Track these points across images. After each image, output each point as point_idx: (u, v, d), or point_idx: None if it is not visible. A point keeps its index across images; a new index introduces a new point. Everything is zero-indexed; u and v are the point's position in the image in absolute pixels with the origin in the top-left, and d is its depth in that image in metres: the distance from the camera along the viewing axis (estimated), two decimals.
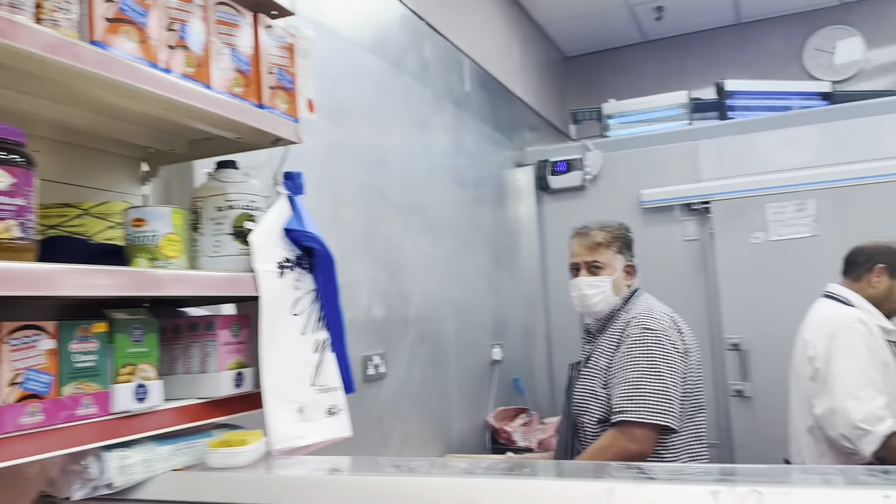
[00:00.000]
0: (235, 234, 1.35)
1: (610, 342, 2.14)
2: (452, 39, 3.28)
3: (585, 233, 2.26)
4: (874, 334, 2.32)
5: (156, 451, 1.19)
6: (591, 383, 2.14)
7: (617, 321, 2.17)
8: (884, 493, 0.80)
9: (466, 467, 1.21)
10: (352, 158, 2.38)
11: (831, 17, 4.65)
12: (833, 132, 3.47)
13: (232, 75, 1.36)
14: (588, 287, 2.20)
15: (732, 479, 0.91)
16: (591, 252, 2.22)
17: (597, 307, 2.20)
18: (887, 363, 2.29)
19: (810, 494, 0.84)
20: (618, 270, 2.21)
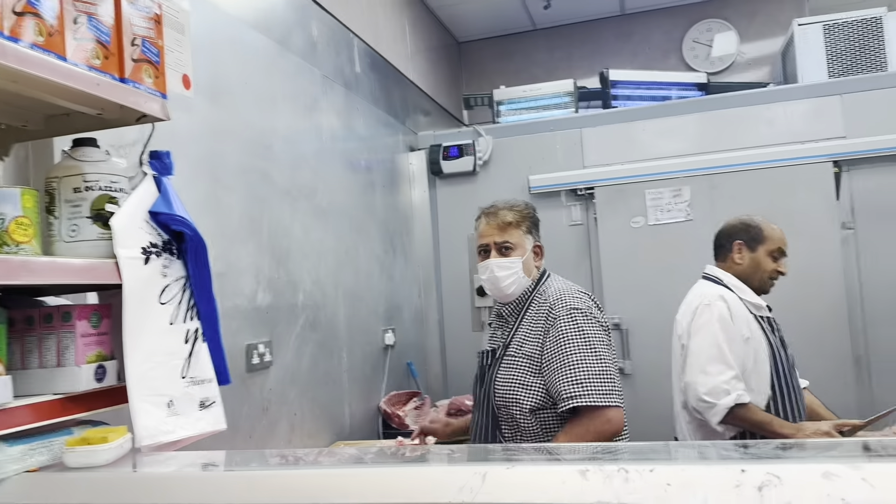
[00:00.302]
0: (95, 218, 1.26)
1: (533, 327, 2.06)
2: (341, 19, 3.21)
3: (494, 212, 2.16)
4: (736, 311, 2.40)
5: (6, 451, 1.10)
6: (517, 372, 2.03)
7: (534, 304, 2.10)
8: (741, 468, 0.84)
9: (353, 456, 1.19)
10: (234, 139, 2.29)
11: (708, 11, 4.88)
12: (708, 122, 3.65)
13: (90, 46, 1.26)
14: (500, 269, 2.11)
15: (601, 458, 0.94)
16: (501, 232, 2.13)
17: (509, 289, 2.11)
18: (749, 338, 2.37)
19: (673, 470, 0.87)
20: (528, 251, 2.14)
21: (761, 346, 2.39)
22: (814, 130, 3.48)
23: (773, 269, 2.52)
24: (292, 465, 1.14)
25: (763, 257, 2.52)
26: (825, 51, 3.73)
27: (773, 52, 4.73)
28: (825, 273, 3.35)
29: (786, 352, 2.46)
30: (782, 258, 2.53)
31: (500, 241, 2.13)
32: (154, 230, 1.31)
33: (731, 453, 0.91)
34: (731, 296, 2.46)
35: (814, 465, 0.81)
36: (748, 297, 2.47)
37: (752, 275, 2.52)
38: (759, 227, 2.56)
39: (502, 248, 2.13)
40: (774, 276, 2.53)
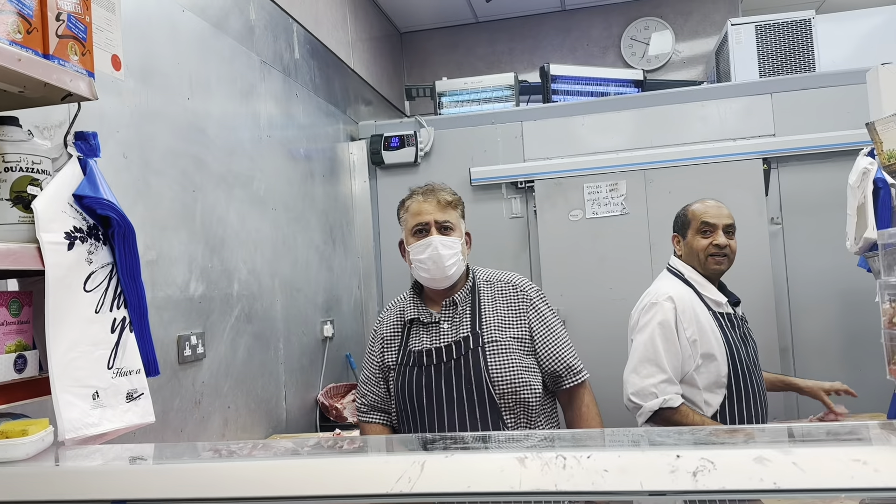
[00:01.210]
0: (15, 200, 1.20)
1: (505, 310, 2.01)
2: (280, 3, 3.14)
3: (432, 190, 2.06)
4: (685, 310, 2.34)
5: None
6: (514, 356, 1.96)
7: (484, 289, 2.05)
8: (676, 454, 0.85)
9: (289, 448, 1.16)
10: (165, 123, 2.21)
11: (645, 9, 4.98)
12: (644, 118, 3.72)
13: (11, 19, 1.19)
14: (444, 246, 1.99)
15: (540, 446, 0.94)
16: (442, 211, 2.02)
17: (450, 270, 1.99)
18: (696, 340, 2.31)
19: (609, 456, 0.88)
20: (462, 236, 2.07)
21: (715, 345, 2.33)
22: (745, 128, 3.59)
23: (707, 245, 2.41)
24: (226, 457, 1.11)
25: (692, 238, 2.44)
26: (757, 51, 3.85)
27: (708, 50, 4.86)
28: (754, 266, 3.46)
29: (748, 349, 2.41)
30: (714, 232, 2.41)
31: (442, 219, 2.02)
32: (79, 214, 1.25)
33: (666, 439, 0.92)
34: (687, 292, 2.40)
35: (746, 451, 0.83)
36: (708, 293, 2.41)
37: (693, 262, 2.45)
38: (684, 211, 2.51)
39: (443, 228, 2.02)
40: (714, 253, 2.41)
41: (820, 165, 3.49)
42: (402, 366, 2.04)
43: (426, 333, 2.04)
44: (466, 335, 1.98)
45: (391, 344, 2.10)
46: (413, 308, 2.09)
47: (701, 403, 2.34)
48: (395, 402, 2.06)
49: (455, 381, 1.94)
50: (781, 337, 3.47)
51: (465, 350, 1.96)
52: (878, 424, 0.97)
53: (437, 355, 1.98)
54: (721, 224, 2.44)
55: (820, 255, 3.48)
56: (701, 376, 2.33)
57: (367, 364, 2.19)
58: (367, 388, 2.16)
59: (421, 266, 2.02)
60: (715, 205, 2.49)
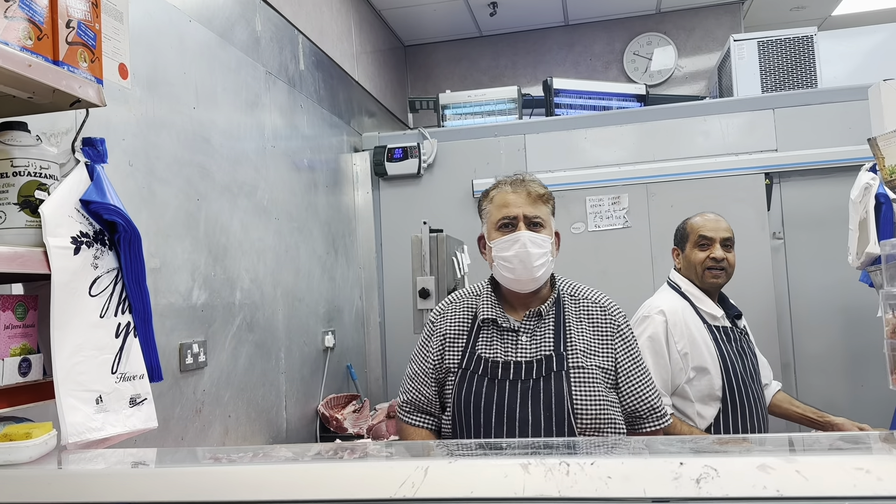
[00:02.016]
0: (23, 205, 1.20)
1: (591, 334, 1.80)
2: (286, 15, 3.16)
3: (522, 181, 1.83)
4: (677, 323, 2.35)
5: None
6: (600, 388, 1.74)
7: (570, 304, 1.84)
8: (679, 461, 0.85)
9: (290, 454, 1.16)
10: (171, 132, 2.22)
11: (648, 24, 5.02)
12: (646, 132, 3.74)
13: (22, 26, 1.20)
14: (533, 244, 1.75)
15: (543, 452, 0.94)
16: (532, 205, 1.79)
17: (538, 272, 1.76)
18: (687, 353, 2.32)
19: (613, 463, 0.88)
20: (553, 235, 1.84)
21: (708, 358, 2.33)
22: (747, 143, 3.61)
23: (704, 258, 2.41)
24: (228, 462, 1.11)
25: (691, 252, 2.45)
26: (759, 66, 3.88)
27: (710, 66, 4.89)
28: (756, 281, 3.46)
29: (745, 362, 2.39)
30: (712, 246, 2.41)
31: (532, 214, 1.78)
32: (85, 219, 1.26)
33: (669, 447, 0.93)
34: (681, 306, 2.41)
35: (750, 459, 0.83)
36: (703, 307, 2.42)
37: (691, 275, 2.46)
38: (683, 225, 2.52)
39: (533, 223, 1.78)
40: (711, 267, 2.41)
41: (822, 181, 3.50)
42: (467, 371, 1.79)
43: (500, 341, 1.80)
44: (549, 354, 1.75)
45: (455, 343, 1.84)
46: (490, 308, 1.84)
47: (693, 415, 2.35)
48: (452, 408, 1.81)
49: (532, 404, 1.71)
50: (783, 352, 3.47)
51: (546, 371, 1.74)
52: (879, 435, 0.97)
53: (514, 370, 1.75)
54: (718, 237, 2.44)
55: (822, 270, 3.49)
56: (693, 389, 2.34)
57: (419, 360, 1.91)
58: (414, 385, 1.89)
59: (505, 265, 1.79)
60: (713, 218, 2.49)
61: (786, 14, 5.11)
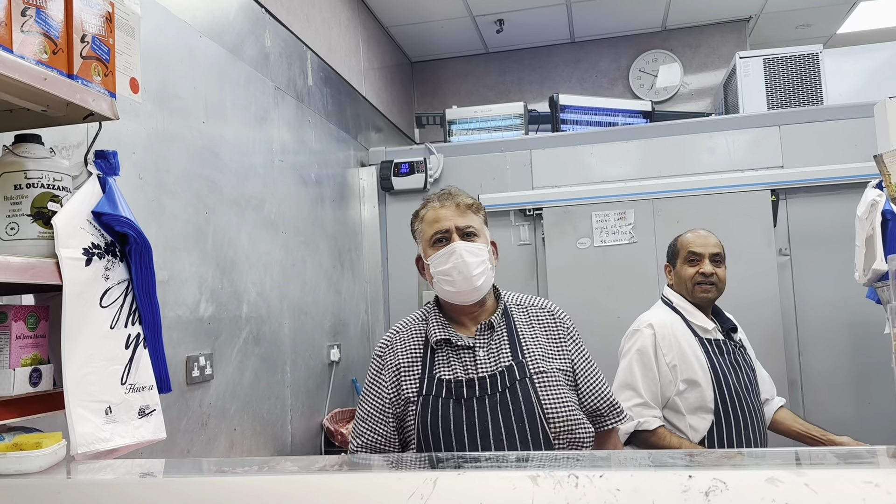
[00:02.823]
0: (36, 216, 1.21)
1: (544, 338, 1.80)
2: (295, 31, 3.20)
3: (449, 194, 1.83)
4: (666, 337, 2.39)
5: None
6: (565, 392, 1.74)
7: (517, 312, 1.84)
8: (688, 474, 0.85)
9: (298, 465, 1.16)
10: (181, 146, 2.24)
11: (654, 41, 5.05)
12: (652, 148, 3.76)
13: (37, 40, 1.22)
14: (469, 253, 1.74)
15: (552, 465, 0.94)
16: (462, 216, 1.79)
17: (479, 280, 1.74)
18: (676, 365, 2.35)
19: (622, 476, 0.88)
20: (488, 244, 1.83)
21: (699, 371, 2.36)
22: (753, 159, 3.61)
23: (693, 273, 2.45)
24: (235, 473, 1.11)
25: (681, 268, 2.51)
26: (765, 83, 3.89)
27: (715, 83, 4.91)
28: (762, 298, 3.45)
29: (739, 375, 2.41)
30: (701, 261, 2.46)
31: (464, 224, 1.78)
32: (97, 231, 1.27)
33: (678, 460, 0.93)
34: (671, 319, 2.45)
35: (758, 472, 0.83)
36: (695, 320, 2.45)
37: (682, 291, 2.51)
38: (674, 242, 2.58)
39: (466, 234, 1.78)
40: (701, 282, 2.45)
41: (828, 197, 3.51)
42: (429, 397, 1.73)
43: (457, 360, 1.76)
44: (510, 364, 1.73)
45: (409, 371, 1.79)
46: (441, 328, 1.80)
47: (685, 428, 2.37)
48: (417, 438, 1.74)
49: (503, 417, 1.68)
50: (790, 369, 3.45)
51: (510, 381, 1.71)
52: (883, 449, 0.97)
53: (479, 386, 1.70)
54: (707, 253, 2.49)
55: (828, 287, 3.48)
56: (684, 401, 2.37)
57: (371, 398, 1.82)
58: (368, 426, 1.80)
59: (445, 279, 1.77)
60: (703, 234, 2.54)
61: (791, 32, 5.14)
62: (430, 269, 1.81)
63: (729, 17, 4.91)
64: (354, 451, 1.82)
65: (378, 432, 1.79)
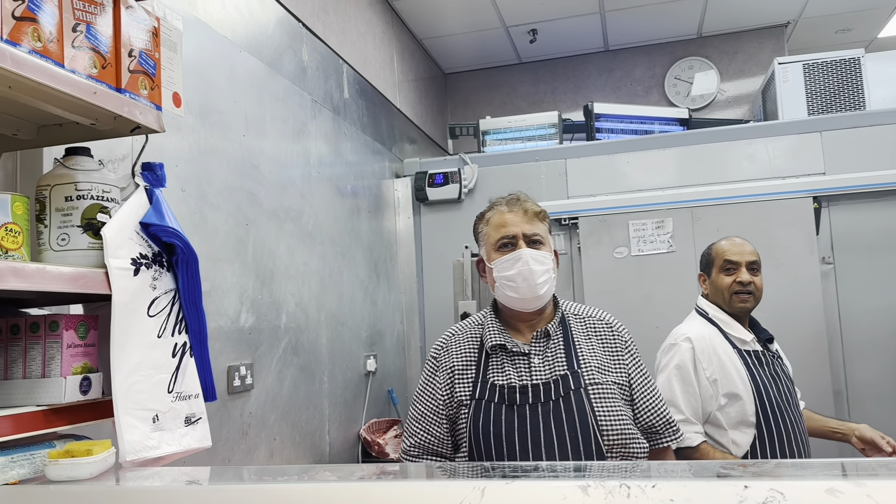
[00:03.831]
0: (85, 227, 1.24)
1: (601, 350, 1.77)
2: (332, 45, 3.23)
3: (517, 200, 1.81)
4: (705, 350, 2.32)
5: None
6: (619, 404, 1.70)
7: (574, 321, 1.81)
8: (744, 484, 0.83)
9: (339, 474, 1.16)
10: (222, 159, 2.28)
11: (690, 49, 5.00)
12: (690, 156, 3.71)
13: (87, 55, 1.25)
14: (535, 261, 1.73)
15: (603, 475, 0.93)
16: (530, 223, 1.77)
17: (542, 289, 1.73)
18: (717, 379, 2.29)
19: (675, 486, 0.86)
20: (552, 252, 1.81)
21: (739, 384, 2.29)
22: (794, 166, 3.55)
23: (730, 283, 2.38)
24: (280, 480, 1.11)
25: (717, 277, 2.43)
26: (805, 89, 3.82)
27: (753, 90, 4.84)
28: (805, 307, 3.38)
29: (780, 386, 2.34)
30: (737, 270, 2.38)
31: (531, 231, 1.76)
32: (145, 241, 1.30)
33: (732, 471, 0.90)
34: (709, 332, 2.38)
35: (817, 483, 0.81)
36: (732, 332, 2.39)
37: (719, 301, 2.43)
38: (708, 250, 2.51)
39: (532, 241, 1.76)
40: (738, 291, 2.37)
41: (872, 204, 3.43)
42: (481, 401, 1.71)
43: (512, 366, 1.74)
44: (564, 373, 1.70)
45: (464, 375, 1.77)
46: (497, 334, 1.78)
47: (727, 443, 2.30)
48: (468, 441, 1.72)
49: (555, 426, 1.65)
50: (835, 380, 3.37)
51: (564, 390, 1.68)
52: None
53: (532, 393, 1.68)
54: (744, 261, 2.41)
55: (873, 296, 3.39)
56: (725, 416, 2.30)
57: (425, 399, 1.81)
58: (422, 426, 1.79)
59: (508, 284, 1.75)
60: (739, 242, 2.47)
61: (831, 36, 5.05)
62: (493, 273, 1.79)
63: (766, 23, 4.84)
64: (407, 451, 1.81)
65: (431, 433, 1.77)
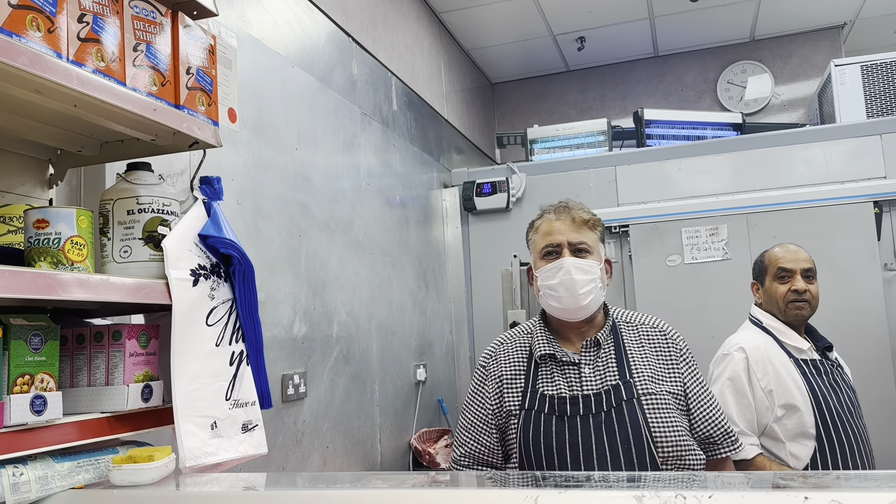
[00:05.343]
0: (147, 240, 1.29)
1: (654, 359, 1.72)
2: (381, 58, 3.28)
3: (566, 208, 1.78)
4: (760, 360, 2.27)
5: (54, 467, 1.10)
6: (673, 415, 1.65)
7: (626, 330, 1.76)
8: (804, 495, 0.81)
9: (392, 482, 1.17)
10: (275, 172, 2.33)
11: (742, 53, 4.90)
12: (745, 161, 3.63)
13: (147, 73, 1.30)
14: (578, 270, 1.68)
15: (658, 486, 0.91)
16: (577, 231, 1.73)
17: (586, 299, 1.69)
18: (772, 390, 2.23)
19: (732, 497, 0.84)
20: (602, 262, 1.76)
21: (797, 394, 2.23)
22: (853, 171, 3.44)
23: (785, 291, 2.31)
24: (336, 487, 1.13)
25: (770, 285, 2.36)
26: (863, 91, 3.71)
27: (809, 93, 4.72)
28: (867, 315, 3.27)
29: (840, 396, 2.26)
30: (792, 278, 2.32)
31: (577, 240, 1.72)
32: (203, 253, 1.33)
33: (791, 482, 0.88)
34: (763, 341, 2.32)
35: (881, 495, 0.78)
36: (788, 340, 2.32)
37: (773, 309, 2.37)
38: (761, 258, 2.44)
39: (578, 250, 1.72)
40: (794, 300, 2.31)
41: None
42: (531, 411, 1.68)
43: (562, 376, 1.70)
44: (616, 384, 1.66)
45: (512, 384, 1.74)
46: (546, 343, 1.74)
47: (786, 456, 2.23)
48: (518, 453, 1.68)
49: (608, 438, 1.61)
50: None
51: (617, 401, 1.64)
52: None
53: (584, 404, 1.64)
54: (799, 268, 2.34)
55: None
56: (783, 428, 2.23)
57: (475, 408, 1.78)
58: (472, 435, 1.76)
59: (550, 293, 1.72)
60: (793, 249, 2.40)
61: (890, 37, 4.89)
62: (538, 282, 1.77)
63: (821, 25, 4.72)
64: (457, 461, 1.78)
65: (481, 442, 1.75)
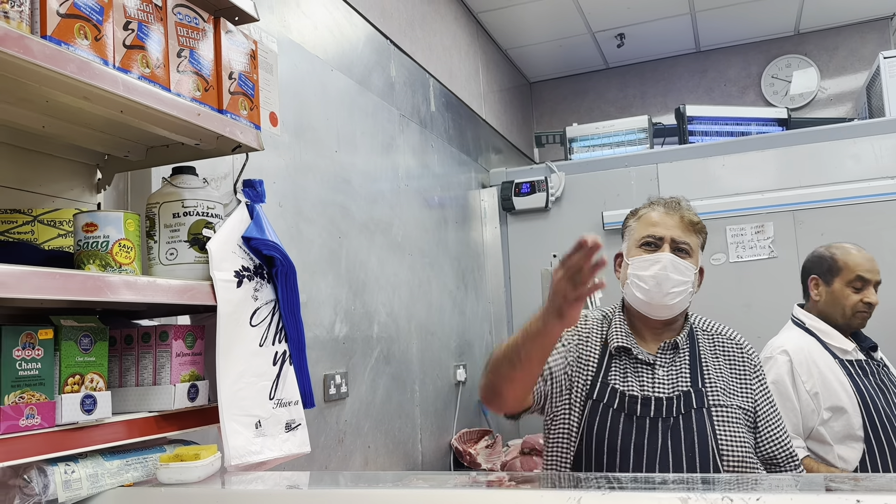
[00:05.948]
0: (192, 242, 1.31)
1: (727, 370, 1.68)
2: (418, 60, 3.29)
3: (677, 204, 1.71)
4: (804, 363, 2.24)
5: (104, 465, 1.13)
6: (742, 430, 1.61)
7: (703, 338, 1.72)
8: (856, 498, 0.79)
9: (433, 482, 1.17)
10: (316, 175, 2.35)
11: (787, 46, 4.79)
12: (790, 157, 3.55)
13: (191, 78, 1.33)
14: (675, 269, 1.62)
15: (703, 487, 0.90)
16: (683, 230, 1.67)
17: (674, 299, 1.63)
18: (818, 393, 2.20)
19: (781, 499, 0.82)
20: (697, 267, 1.69)
21: (844, 396, 2.19)
22: None
23: (857, 301, 2.28)
24: (378, 486, 1.14)
25: (841, 289, 2.30)
26: None
27: (856, 87, 4.59)
28: None
29: (888, 397, 2.22)
30: (867, 287, 2.28)
31: (681, 239, 1.65)
32: (246, 255, 1.35)
33: (842, 485, 0.86)
34: (807, 343, 2.28)
35: None
36: (833, 342, 2.28)
37: (832, 311, 2.32)
38: (833, 257, 2.36)
39: (679, 249, 1.65)
40: (862, 310, 2.28)
41: None
42: (599, 403, 1.62)
43: (633, 374, 1.65)
44: (688, 390, 1.61)
45: (584, 369, 1.68)
46: (624, 336, 1.69)
47: (834, 459, 2.18)
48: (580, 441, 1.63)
49: (673, 444, 1.57)
50: None
51: (685, 409, 1.59)
52: None
53: (655, 407, 1.60)
54: (874, 280, 2.31)
55: None
56: (830, 430, 2.19)
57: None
58: None
59: (639, 284, 1.65)
60: (870, 258, 2.35)
61: None
62: (628, 269, 1.69)
63: (869, 17, 4.59)
64: None
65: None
